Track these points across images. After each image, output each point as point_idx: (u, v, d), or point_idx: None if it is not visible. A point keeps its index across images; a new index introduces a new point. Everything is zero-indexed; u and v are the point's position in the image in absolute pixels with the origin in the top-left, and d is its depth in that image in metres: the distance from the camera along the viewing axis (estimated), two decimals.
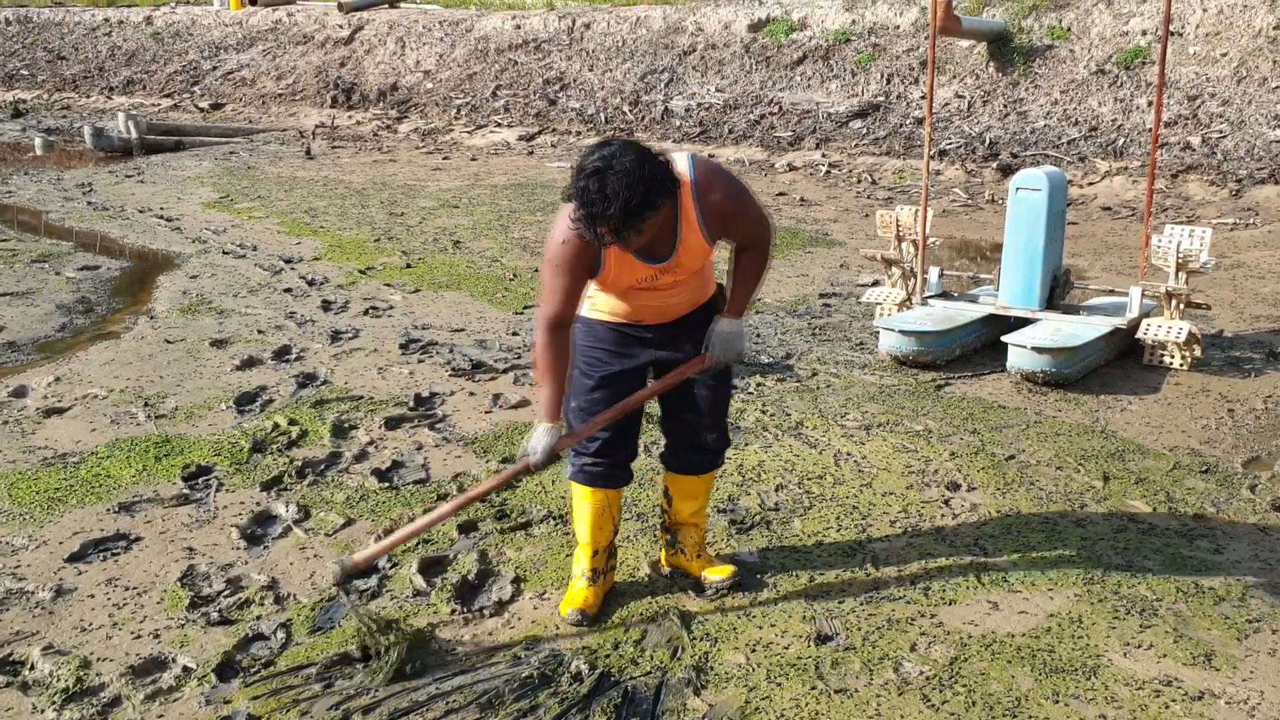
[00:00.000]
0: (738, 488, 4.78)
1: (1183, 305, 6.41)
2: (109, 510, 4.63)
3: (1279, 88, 12.13)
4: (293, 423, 5.57)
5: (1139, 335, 6.37)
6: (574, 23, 18.19)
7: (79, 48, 24.88)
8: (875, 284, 7.78)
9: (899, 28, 15.15)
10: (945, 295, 7.06)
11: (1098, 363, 6.36)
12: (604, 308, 3.70)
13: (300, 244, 9.96)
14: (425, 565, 4.14)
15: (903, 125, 13.95)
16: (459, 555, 4.22)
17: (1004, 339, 6.23)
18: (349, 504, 4.69)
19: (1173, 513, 4.54)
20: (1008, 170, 12.19)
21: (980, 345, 6.71)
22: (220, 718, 3.28)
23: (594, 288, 3.65)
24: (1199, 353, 6.40)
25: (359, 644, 3.58)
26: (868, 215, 10.90)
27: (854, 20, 15.54)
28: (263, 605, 3.89)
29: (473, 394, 6.03)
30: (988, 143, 13.08)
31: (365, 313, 7.71)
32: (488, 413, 5.77)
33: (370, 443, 5.36)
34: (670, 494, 3.99)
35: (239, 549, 4.31)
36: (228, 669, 3.51)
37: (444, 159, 15.12)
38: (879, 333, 6.66)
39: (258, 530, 4.48)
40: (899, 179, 12.77)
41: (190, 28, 23.59)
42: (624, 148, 3.18)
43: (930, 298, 6.95)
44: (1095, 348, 6.28)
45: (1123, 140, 12.42)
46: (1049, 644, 3.57)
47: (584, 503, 3.84)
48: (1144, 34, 13.33)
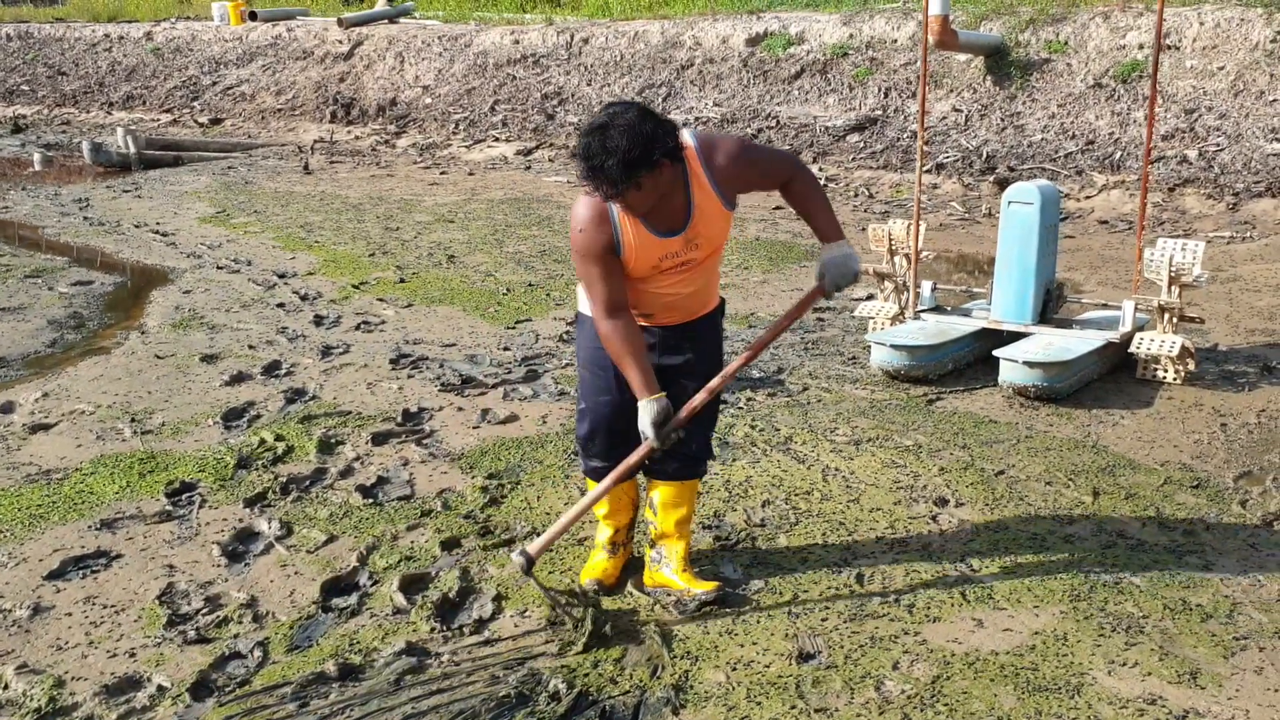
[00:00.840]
0: (724, 504, 4.74)
1: (1176, 319, 6.37)
2: (90, 527, 4.60)
3: (1276, 101, 12.11)
4: (279, 438, 5.54)
5: (1132, 349, 6.34)
6: (572, 37, 18.21)
7: (79, 63, 24.93)
8: (870, 298, 7.74)
9: (896, 42, 15.14)
10: (939, 309, 7.02)
11: (1090, 377, 6.32)
12: None
13: (295, 259, 9.94)
14: (406, 583, 4.11)
15: (900, 139, 13.93)
16: (441, 573, 4.19)
17: (995, 353, 6.19)
18: (332, 520, 4.66)
19: (1162, 528, 4.50)
20: (1005, 184, 12.16)
21: (973, 359, 6.67)
22: None
23: None
24: (1193, 366, 6.36)
25: (551, 617, 3.78)
26: (864, 229, 10.85)
27: (851, 34, 15.54)
28: (241, 623, 3.86)
29: (461, 409, 6.00)
30: (985, 156, 13.06)
31: (357, 328, 7.68)
32: (475, 428, 5.73)
33: (356, 458, 5.33)
34: (654, 504, 3.97)
35: (219, 566, 4.28)
36: (203, 688, 3.48)
37: (441, 174, 15.11)
38: (870, 347, 6.63)
39: (239, 547, 4.45)
40: (896, 193, 12.75)
41: (190, 43, 23.63)
42: (626, 106, 3.32)
43: (923, 312, 6.92)
44: (1087, 362, 6.25)
45: (1120, 154, 12.40)
46: (1032, 662, 3.53)
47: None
48: (1141, 48, 13.31)
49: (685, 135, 3.51)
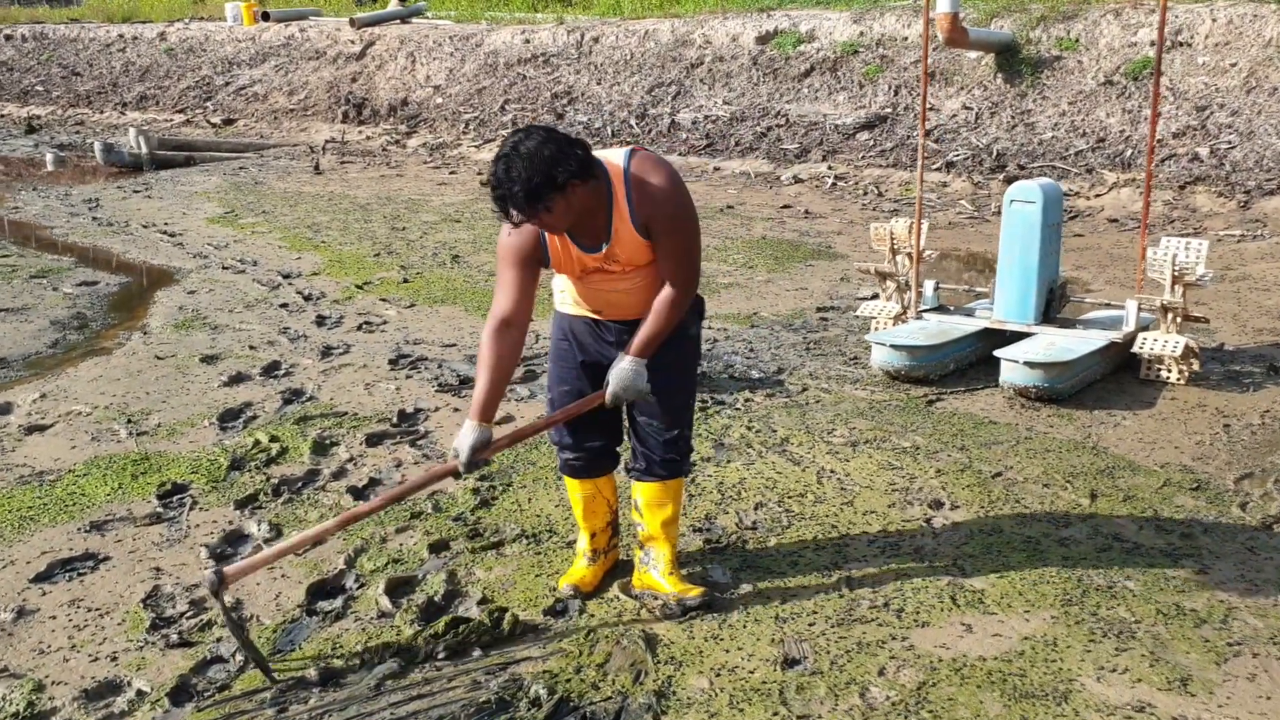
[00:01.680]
0: (716, 506, 4.70)
1: (1179, 319, 6.30)
2: (80, 529, 4.59)
3: None
4: (274, 439, 5.52)
5: (1135, 349, 6.27)
6: (583, 36, 18.18)
7: (93, 64, 25.03)
8: (873, 297, 7.69)
9: (907, 39, 15.06)
10: (941, 309, 6.97)
11: (1092, 377, 6.26)
12: (570, 299, 3.81)
13: (300, 259, 9.94)
14: (393, 586, 4.08)
15: (910, 137, 13.85)
16: (428, 575, 4.16)
17: (996, 354, 6.13)
18: (322, 522, 4.62)
19: (1159, 531, 4.44)
20: (1014, 182, 12.08)
21: (975, 360, 6.61)
22: None
23: (562, 279, 3.77)
24: (1197, 366, 6.29)
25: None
26: (874, 215, 10.81)
27: (862, 32, 15.47)
28: (224, 627, 3.83)
29: (457, 410, 5.97)
30: (995, 154, 12.98)
31: (359, 328, 7.67)
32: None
33: (349, 460, 5.31)
34: (639, 506, 3.95)
35: (207, 569, 4.25)
36: (182, 693, 3.46)
37: (450, 173, 15.11)
38: (871, 347, 6.57)
39: (227, 550, 4.43)
40: (905, 191, 12.68)
41: (204, 43, 23.69)
42: (530, 133, 3.31)
43: (925, 311, 6.86)
44: (1089, 362, 6.18)
45: (1130, 151, 12.30)
46: (1020, 668, 3.48)
47: (574, 493, 4.05)
48: (1152, 45, 13.20)
49: (616, 155, 3.50)
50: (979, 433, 5.56)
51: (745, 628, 3.75)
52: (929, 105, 14.03)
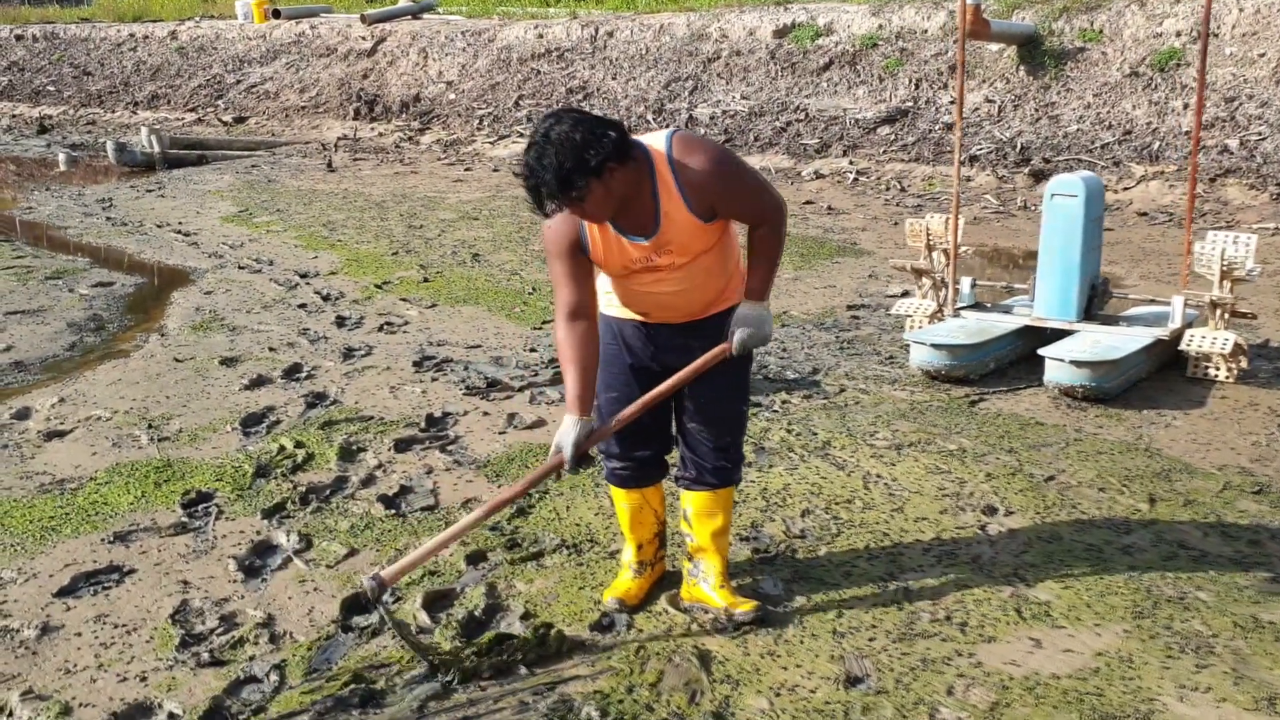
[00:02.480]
0: (761, 513, 4.53)
1: (1228, 315, 6.12)
2: (103, 540, 4.43)
3: None
4: (299, 445, 5.36)
5: (1182, 347, 6.09)
6: (597, 31, 18.00)
7: (104, 63, 24.91)
8: (905, 295, 7.51)
9: (927, 32, 14.86)
10: (978, 306, 6.78)
11: (1139, 376, 6.08)
12: (617, 302, 3.64)
13: (317, 258, 9.79)
14: (430, 599, 3.92)
15: (932, 131, 13.66)
16: (466, 589, 4.00)
17: (1040, 352, 5.95)
18: (353, 533, 4.47)
19: (1225, 538, 4.26)
20: (1040, 176, 11.91)
21: (1016, 358, 6.43)
22: None
23: (607, 280, 3.61)
24: (1245, 364, 6.11)
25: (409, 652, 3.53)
26: (896, 223, 10.64)
27: (881, 25, 15.27)
28: (257, 644, 3.67)
29: (487, 414, 5.81)
30: (1019, 148, 12.78)
31: (380, 329, 7.51)
32: (501, 433, 5.54)
33: (378, 466, 5.14)
34: (688, 516, 3.78)
35: (235, 582, 4.09)
36: (216, 715, 3.29)
37: (465, 170, 14.95)
38: (909, 346, 6.40)
39: (256, 561, 4.26)
40: (928, 186, 12.49)
41: (214, 41, 23.55)
42: (560, 117, 3.15)
43: (962, 309, 6.68)
44: (1136, 360, 6.00)
45: (1158, 144, 12.10)
46: (1097, 686, 3.30)
47: (621, 503, 3.88)
48: (1178, 35, 13.00)
49: (657, 138, 3.33)
50: (1026, 434, 5.38)
51: (802, 643, 3.58)
52: (954, 99, 13.83)
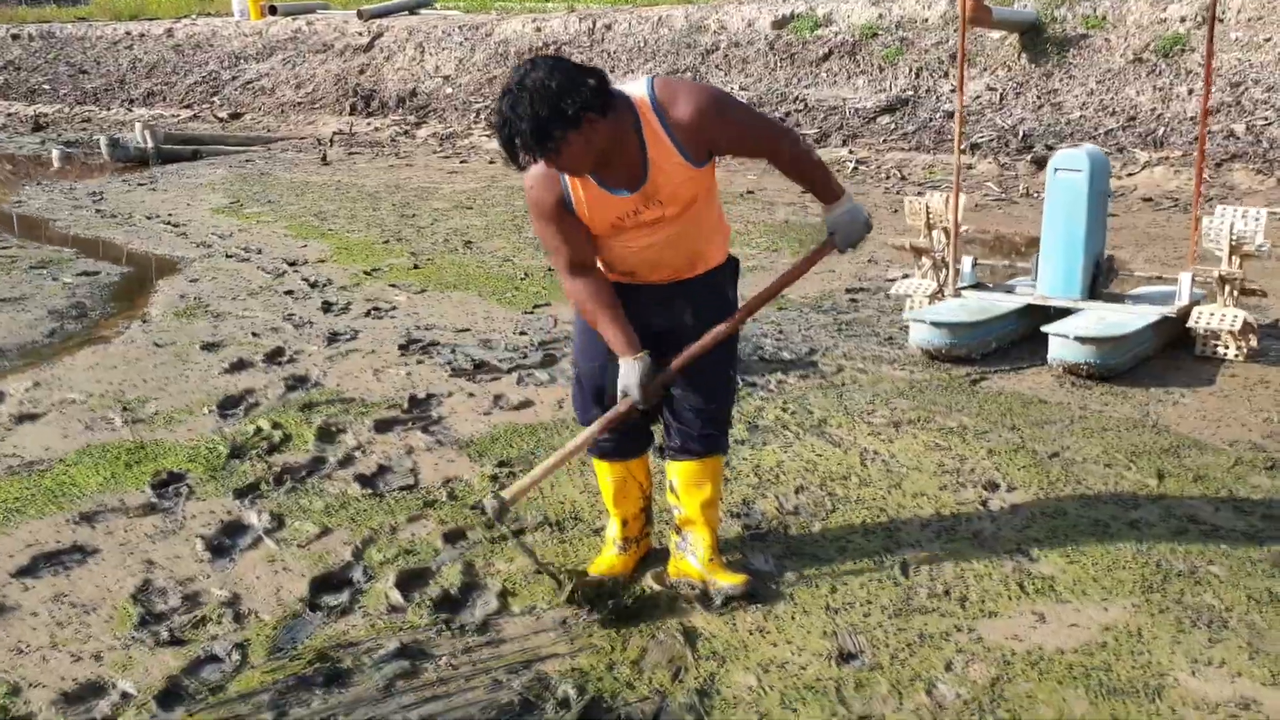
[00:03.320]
0: (753, 490, 4.35)
1: (1236, 292, 5.94)
2: (68, 521, 4.24)
3: None
4: (276, 426, 5.18)
5: (1190, 324, 5.90)
6: (595, 24, 17.83)
7: (100, 61, 24.76)
8: (904, 278, 7.32)
9: (927, 21, 14.69)
10: (980, 286, 6.60)
11: (1145, 354, 5.89)
12: (603, 263, 3.44)
13: (306, 247, 9.61)
14: (404, 578, 3.73)
15: (932, 120, 13.49)
16: (442, 567, 3.81)
17: (1044, 329, 5.76)
18: (328, 512, 4.29)
19: (1238, 512, 4.07)
20: (1042, 163, 11.70)
21: (1018, 338, 6.24)
22: None
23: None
24: (1255, 343, 5.93)
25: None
26: (896, 211, 10.44)
27: (880, 14, 15.10)
28: (220, 623, 3.49)
29: (472, 395, 5.62)
30: (1021, 135, 12.60)
31: (367, 314, 7.32)
32: (486, 414, 5.36)
33: (357, 447, 4.96)
34: (675, 487, 3.60)
35: (202, 562, 3.91)
36: (172, 696, 3.11)
37: (461, 162, 14.77)
38: (908, 326, 6.21)
39: (225, 541, 4.08)
40: (929, 174, 12.31)
41: (210, 39, 23.41)
42: (536, 63, 2.97)
43: (963, 289, 6.50)
44: (1143, 337, 5.81)
45: (1163, 130, 11.92)
46: (1104, 661, 3.11)
47: (604, 476, 3.69)
48: (1183, 20, 12.82)
49: (637, 85, 3.15)
50: (1029, 412, 5.20)
51: (794, 619, 3.39)
52: (954, 87, 13.65)
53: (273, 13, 23.03)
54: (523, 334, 6.72)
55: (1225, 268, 5.89)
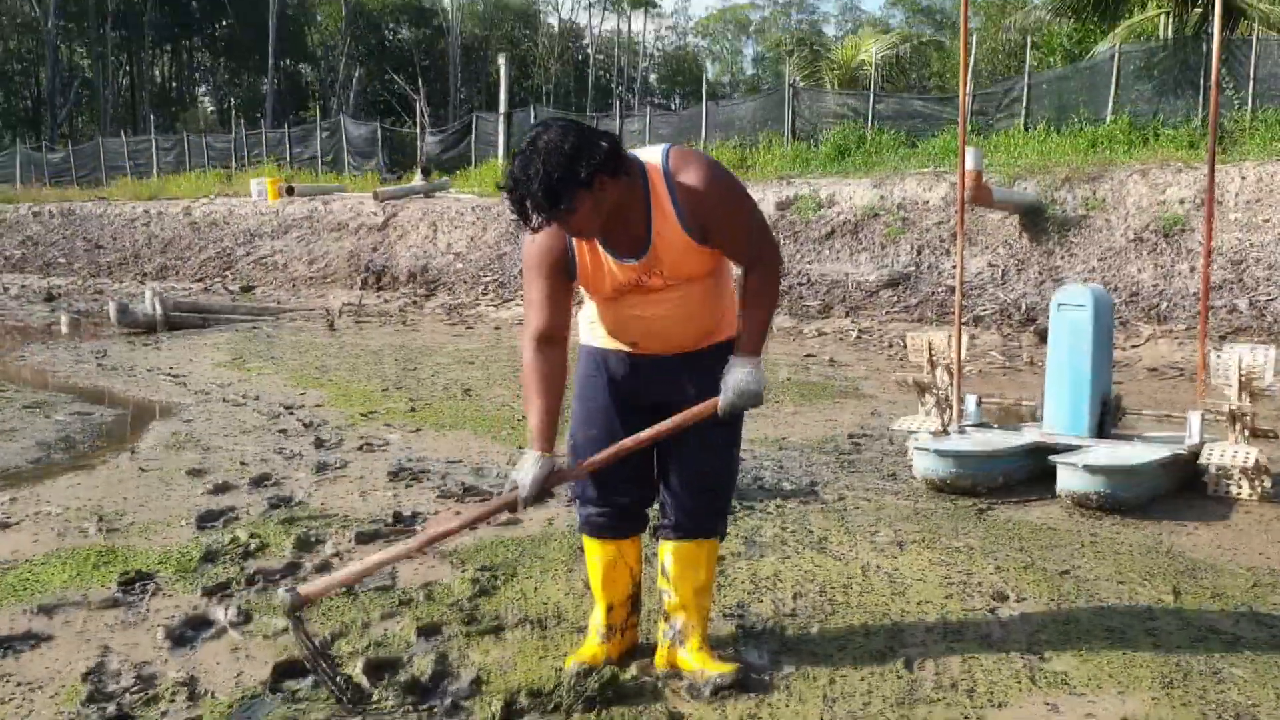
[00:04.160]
0: (750, 595, 4.13)
1: (1248, 430, 5.80)
2: (25, 611, 4.03)
3: None
4: (253, 535, 4.98)
5: (1201, 460, 5.73)
6: None
7: (117, 237, 25.26)
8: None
9: (928, 202, 14.96)
10: (984, 426, 6.47)
11: (1156, 491, 5.70)
12: (603, 332, 3.36)
13: (305, 394, 9.52)
14: (373, 666, 3.50)
15: (934, 293, 13.57)
16: (414, 657, 3.58)
17: (1052, 459, 5.60)
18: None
19: (1260, 625, 3.85)
20: (1045, 335, 11.70)
21: (1025, 477, 6.04)
22: None
23: (593, 309, 3.34)
24: (1268, 484, 5.75)
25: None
26: (901, 367, 10.40)
27: (882, 196, 15.39)
28: (173, 701, 3.26)
29: (459, 513, 5.41)
30: (1023, 309, 12.65)
31: (359, 448, 7.17)
32: (472, 528, 5.15)
33: (336, 554, 4.75)
34: (666, 570, 3.40)
35: (161, 648, 3.69)
36: None
37: (467, 328, 14.84)
38: (913, 456, 6.03)
39: (187, 632, 3.85)
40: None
41: (227, 217, 23.91)
42: (549, 126, 2.93)
43: (968, 426, 6.36)
44: (1153, 473, 5.64)
45: (1165, 304, 11.96)
46: None
47: (594, 556, 3.48)
48: (1181, 202, 13.02)
49: (653, 152, 3.11)
50: (1038, 537, 5.00)
51: (788, 707, 3.15)
52: (952, 265, 13.79)
53: (290, 194, 23.57)
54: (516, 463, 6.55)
55: (1235, 402, 5.76)
